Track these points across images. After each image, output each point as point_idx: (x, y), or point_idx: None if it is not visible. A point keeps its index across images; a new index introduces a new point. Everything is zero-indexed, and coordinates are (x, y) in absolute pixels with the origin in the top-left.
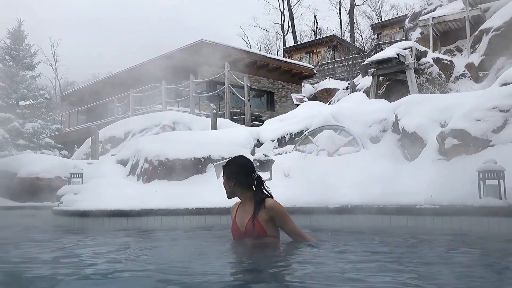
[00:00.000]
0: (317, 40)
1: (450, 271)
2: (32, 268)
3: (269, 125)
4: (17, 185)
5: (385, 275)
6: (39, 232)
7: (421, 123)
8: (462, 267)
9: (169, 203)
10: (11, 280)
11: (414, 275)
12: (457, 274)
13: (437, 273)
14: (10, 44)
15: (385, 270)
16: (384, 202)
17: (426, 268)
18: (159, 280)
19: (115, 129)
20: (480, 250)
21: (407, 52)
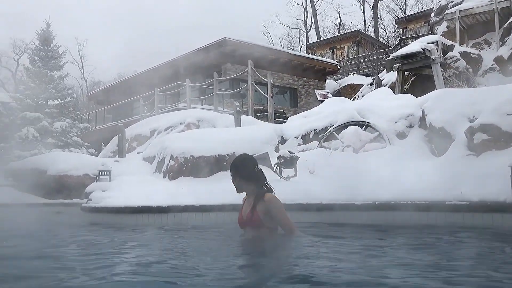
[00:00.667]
0: (341, 35)
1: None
2: (62, 263)
3: (293, 121)
4: (47, 182)
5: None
6: (68, 228)
7: (449, 118)
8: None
9: (195, 200)
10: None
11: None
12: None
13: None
14: (39, 45)
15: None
16: (412, 198)
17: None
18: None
19: (141, 127)
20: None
21: (433, 47)
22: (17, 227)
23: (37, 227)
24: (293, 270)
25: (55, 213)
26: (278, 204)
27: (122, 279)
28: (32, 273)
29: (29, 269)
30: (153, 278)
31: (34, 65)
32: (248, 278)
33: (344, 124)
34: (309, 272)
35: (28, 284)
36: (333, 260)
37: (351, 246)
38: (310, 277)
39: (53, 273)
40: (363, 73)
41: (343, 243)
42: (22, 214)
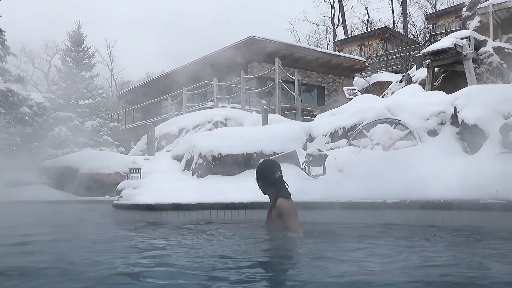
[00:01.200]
0: (369, 32)
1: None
2: (94, 258)
3: (321, 119)
4: (79, 180)
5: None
6: (100, 225)
7: (482, 115)
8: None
9: (224, 197)
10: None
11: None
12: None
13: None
14: (70, 46)
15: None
16: (445, 197)
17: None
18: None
19: (170, 126)
20: None
21: (465, 42)
22: (53, 224)
23: (75, 223)
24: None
25: (87, 210)
26: (286, 209)
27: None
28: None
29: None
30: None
31: (65, 66)
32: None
33: (374, 121)
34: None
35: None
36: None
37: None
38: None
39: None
40: (391, 70)
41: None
42: (57, 211)
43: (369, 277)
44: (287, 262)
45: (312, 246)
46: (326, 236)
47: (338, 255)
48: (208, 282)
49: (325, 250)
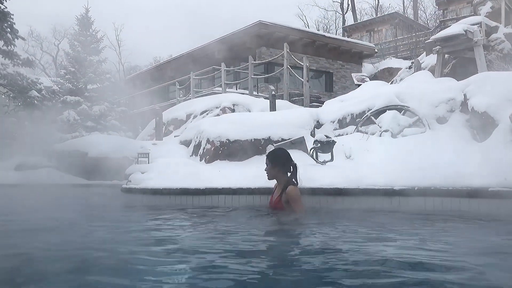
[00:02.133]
0: (378, 18)
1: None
2: (106, 243)
3: (329, 105)
4: (88, 164)
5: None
6: (109, 208)
7: (493, 102)
8: None
9: (231, 183)
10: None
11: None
12: None
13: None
14: (78, 30)
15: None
16: (453, 184)
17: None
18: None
19: (177, 111)
20: None
21: (476, 28)
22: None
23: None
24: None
25: (96, 194)
26: (295, 197)
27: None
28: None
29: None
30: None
31: (74, 50)
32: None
33: (382, 108)
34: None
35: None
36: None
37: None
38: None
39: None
40: (401, 57)
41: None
42: (66, 194)
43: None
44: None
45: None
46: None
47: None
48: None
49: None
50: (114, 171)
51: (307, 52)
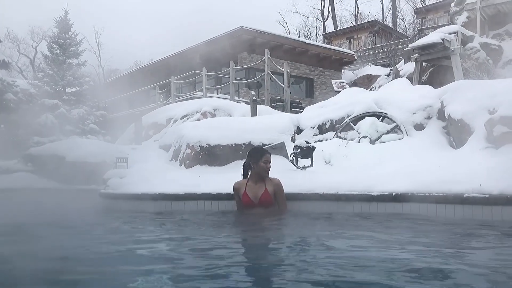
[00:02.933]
0: (358, 25)
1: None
2: (81, 249)
3: (310, 111)
4: (65, 168)
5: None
6: (86, 214)
7: (468, 110)
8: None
9: (211, 188)
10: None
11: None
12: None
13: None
14: (57, 32)
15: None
16: (430, 190)
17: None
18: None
19: (157, 116)
20: None
21: (453, 37)
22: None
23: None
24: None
25: (73, 199)
26: (282, 186)
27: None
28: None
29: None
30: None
31: (52, 53)
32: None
33: (361, 115)
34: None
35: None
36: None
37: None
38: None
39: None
40: (380, 64)
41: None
42: (43, 199)
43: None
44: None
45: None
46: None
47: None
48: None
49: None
50: (92, 176)
51: (288, 58)
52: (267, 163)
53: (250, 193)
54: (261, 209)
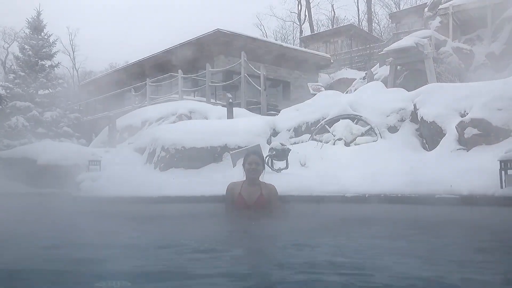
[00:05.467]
0: (334, 29)
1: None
2: (52, 252)
3: (286, 114)
4: (36, 171)
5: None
6: (57, 217)
7: (440, 112)
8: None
9: (185, 191)
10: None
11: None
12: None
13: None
14: (29, 33)
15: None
16: (402, 192)
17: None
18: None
19: (132, 118)
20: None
21: (426, 41)
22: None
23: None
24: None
25: (41, 203)
26: (277, 194)
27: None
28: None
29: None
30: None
31: (24, 54)
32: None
33: (336, 117)
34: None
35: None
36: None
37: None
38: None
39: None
40: (355, 68)
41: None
42: (12, 203)
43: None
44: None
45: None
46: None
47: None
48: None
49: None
50: (64, 179)
51: (265, 61)
52: (251, 164)
53: (245, 195)
54: (254, 211)
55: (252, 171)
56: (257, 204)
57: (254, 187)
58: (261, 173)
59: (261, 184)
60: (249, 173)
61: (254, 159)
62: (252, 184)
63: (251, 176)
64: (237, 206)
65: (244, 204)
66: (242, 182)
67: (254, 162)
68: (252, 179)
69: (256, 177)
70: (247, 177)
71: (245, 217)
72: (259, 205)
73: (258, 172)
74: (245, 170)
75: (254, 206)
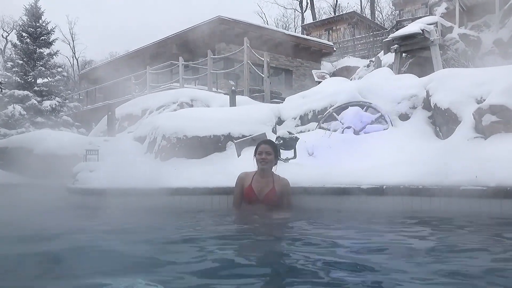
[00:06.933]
0: (337, 17)
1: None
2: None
3: (291, 102)
4: (33, 162)
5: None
6: (52, 210)
7: (456, 99)
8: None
9: (188, 182)
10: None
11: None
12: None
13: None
14: (27, 21)
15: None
16: (423, 183)
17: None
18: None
19: (133, 107)
20: None
21: (432, 28)
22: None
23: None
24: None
25: (36, 194)
26: (290, 189)
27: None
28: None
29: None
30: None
31: (22, 42)
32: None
33: (345, 104)
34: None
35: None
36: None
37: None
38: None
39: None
40: (358, 55)
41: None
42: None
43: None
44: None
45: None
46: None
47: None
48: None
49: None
50: (62, 170)
51: (267, 49)
52: (261, 154)
53: (256, 187)
54: (263, 206)
55: (262, 161)
56: (267, 198)
57: (266, 179)
58: (274, 164)
59: (274, 177)
60: (259, 164)
61: (265, 148)
62: (264, 176)
63: (262, 167)
64: (246, 198)
65: (254, 197)
66: (254, 173)
67: (264, 151)
68: (263, 170)
69: (268, 168)
70: (258, 168)
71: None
72: (269, 200)
73: (270, 163)
74: (256, 160)
75: (264, 201)
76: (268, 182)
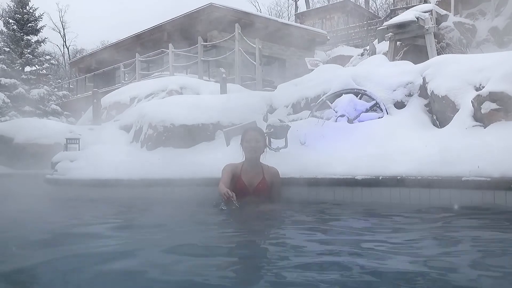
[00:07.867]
0: (331, 5)
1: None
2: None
3: (283, 89)
4: (13, 151)
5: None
6: (28, 202)
7: (453, 86)
8: None
9: (173, 172)
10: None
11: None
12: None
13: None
14: (13, 7)
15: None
16: (421, 173)
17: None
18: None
19: (121, 95)
20: None
21: (427, 16)
22: None
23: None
24: None
25: (20, 185)
26: (280, 179)
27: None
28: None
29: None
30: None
31: (8, 28)
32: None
33: (338, 92)
34: None
35: None
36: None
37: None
38: None
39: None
40: (352, 44)
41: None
42: None
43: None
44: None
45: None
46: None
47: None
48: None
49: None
50: (44, 159)
51: (260, 37)
52: (250, 141)
53: (246, 179)
54: (254, 198)
55: (252, 149)
56: (258, 190)
57: (255, 170)
58: (262, 152)
59: (263, 166)
60: (248, 152)
61: (254, 136)
62: (253, 166)
63: (251, 156)
64: (236, 192)
65: (245, 189)
66: (242, 164)
67: (253, 139)
68: (252, 159)
69: (257, 156)
70: (247, 158)
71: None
72: (260, 191)
73: (259, 151)
74: (243, 148)
75: (255, 192)
76: (257, 172)
